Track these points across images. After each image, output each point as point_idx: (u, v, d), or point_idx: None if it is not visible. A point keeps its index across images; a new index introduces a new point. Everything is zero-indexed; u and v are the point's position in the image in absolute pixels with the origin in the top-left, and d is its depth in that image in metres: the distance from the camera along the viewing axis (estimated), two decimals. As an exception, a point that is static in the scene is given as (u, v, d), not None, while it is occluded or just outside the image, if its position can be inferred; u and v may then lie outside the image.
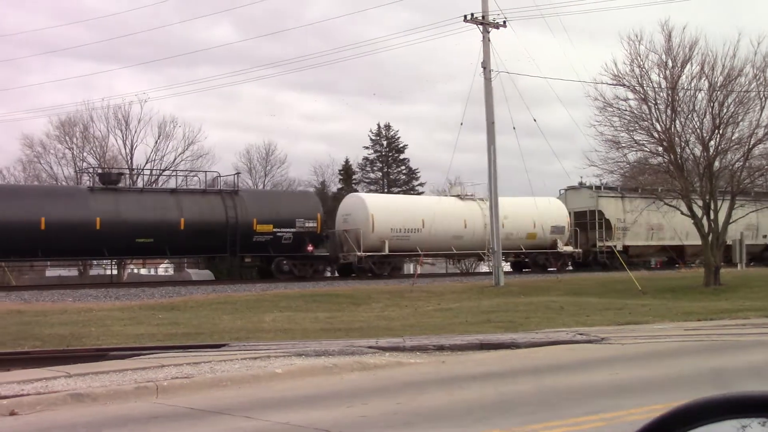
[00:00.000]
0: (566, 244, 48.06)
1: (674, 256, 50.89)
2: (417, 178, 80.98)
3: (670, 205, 34.46)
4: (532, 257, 47.87)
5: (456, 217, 44.50)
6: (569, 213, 49.13)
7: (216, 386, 11.71)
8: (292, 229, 40.30)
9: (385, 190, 76.78)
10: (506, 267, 47.79)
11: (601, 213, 49.00)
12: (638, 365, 13.16)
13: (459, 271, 52.93)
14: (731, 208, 33.53)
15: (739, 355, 14.12)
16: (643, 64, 32.57)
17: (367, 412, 9.73)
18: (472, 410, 9.68)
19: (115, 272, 50.48)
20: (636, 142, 33.54)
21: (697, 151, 33.22)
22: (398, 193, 72.19)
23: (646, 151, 34.05)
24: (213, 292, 31.83)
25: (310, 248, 40.36)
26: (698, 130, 32.69)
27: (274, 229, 39.72)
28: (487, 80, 36.88)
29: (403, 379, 12.43)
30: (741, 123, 32.84)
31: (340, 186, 76.26)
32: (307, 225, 40.75)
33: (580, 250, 48.71)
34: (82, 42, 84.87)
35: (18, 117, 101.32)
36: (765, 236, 53.94)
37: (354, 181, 79.73)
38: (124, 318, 21.92)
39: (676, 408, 1.99)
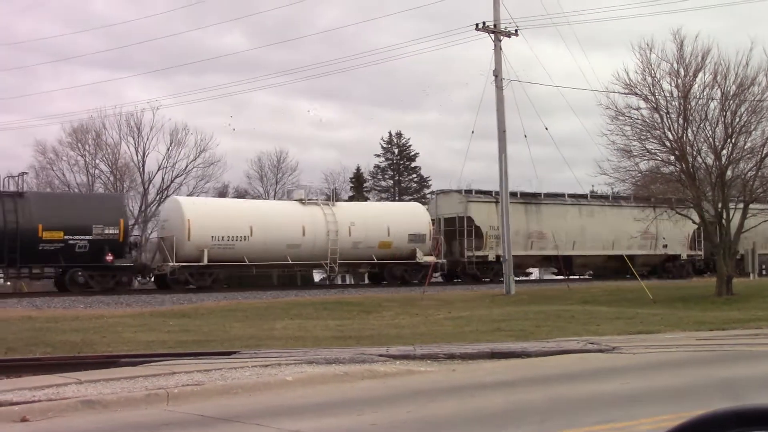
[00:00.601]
0: (429, 254, 43.30)
1: (561, 266, 47.06)
2: (428, 186, 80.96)
3: (681, 214, 34.34)
4: (387, 269, 43.30)
5: (293, 223, 40.24)
6: (438, 219, 45.62)
7: (227, 393, 11.72)
8: (88, 237, 36.25)
9: (396, 198, 76.84)
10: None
11: (470, 219, 45.07)
12: (649, 375, 13.12)
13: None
14: (743, 218, 33.40)
15: (751, 366, 14.06)
16: (655, 73, 32.53)
17: (377, 420, 9.72)
18: (482, 419, 9.67)
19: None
20: (648, 151, 33.46)
21: (710, 160, 33.11)
22: (410, 201, 72.22)
23: (658, 160, 33.95)
24: (224, 300, 31.91)
25: (110, 258, 36.52)
26: (710, 139, 32.59)
27: (66, 237, 35.61)
28: (499, 89, 36.91)
29: (413, 387, 12.41)
30: (753, 132, 32.70)
31: (351, 194, 76.34)
32: (106, 232, 36.75)
33: (444, 261, 44.31)
34: (93, 50, 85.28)
35: (30, 124, 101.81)
36: None
37: (365, 189, 79.89)
38: (135, 325, 21.97)
39: (686, 422, 1.99)
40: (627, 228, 46.98)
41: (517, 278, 42.38)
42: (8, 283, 43.61)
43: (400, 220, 43.67)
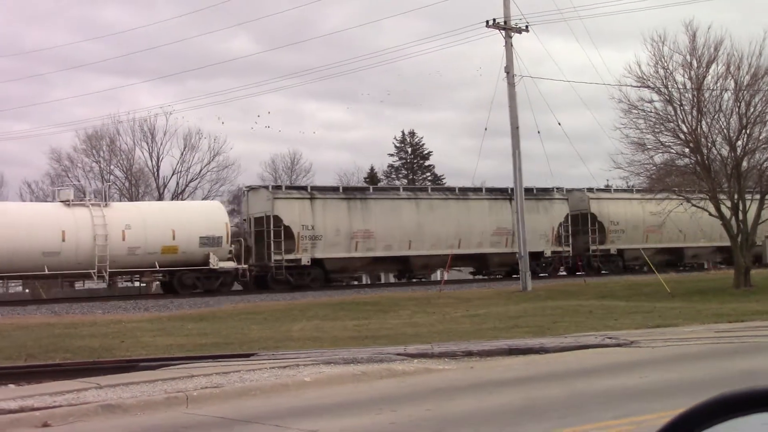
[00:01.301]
0: (228, 259, 38.77)
1: (401, 269, 44.55)
2: (442, 185, 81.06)
3: (698, 206, 34.20)
4: (177, 277, 37.92)
5: (51, 228, 34.96)
6: (249, 219, 41.64)
7: (245, 395, 11.76)
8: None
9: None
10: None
11: (278, 219, 39.98)
12: (668, 368, 13.08)
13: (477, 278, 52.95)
14: (761, 208, 33.22)
15: (770, 357, 14.01)
16: (668, 65, 32.43)
17: (396, 419, 9.74)
18: (501, 415, 9.67)
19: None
20: (662, 144, 33.36)
21: (725, 152, 32.98)
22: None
23: (673, 152, 33.85)
24: (241, 302, 31.99)
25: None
26: (725, 131, 32.46)
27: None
28: (511, 85, 36.85)
29: (431, 385, 12.42)
30: (768, 122, 32.60)
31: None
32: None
33: (245, 266, 39.63)
34: (103, 57, 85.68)
35: (43, 132, 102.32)
36: None
37: (380, 189, 79.83)
38: (153, 329, 22.05)
39: (700, 403, 1.99)
40: (478, 224, 44.31)
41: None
42: (26, 291, 43.83)
43: (191, 221, 38.44)
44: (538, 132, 38.62)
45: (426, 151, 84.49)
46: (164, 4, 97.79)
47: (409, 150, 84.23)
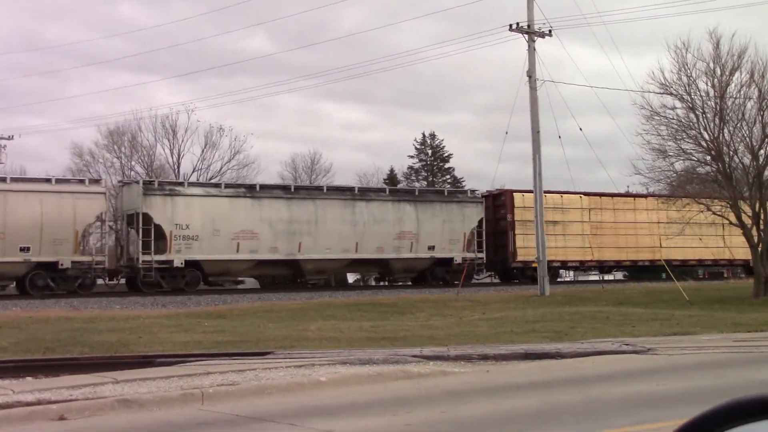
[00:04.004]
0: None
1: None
2: (462, 187, 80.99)
3: (717, 214, 34.01)
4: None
5: None
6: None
7: (261, 393, 11.79)
8: None
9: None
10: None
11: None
12: (685, 376, 13.02)
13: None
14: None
15: (788, 367, 13.91)
16: (691, 73, 32.28)
17: (411, 420, 9.73)
18: (515, 420, 9.65)
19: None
20: (683, 151, 33.21)
21: (747, 160, 32.78)
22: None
23: (694, 160, 33.69)
24: (258, 301, 32.08)
25: None
26: (747, 139, 32.28)
27: None
28: (533, 89, 36.77)
29: (447, 387, 12.41)
30: (792, 131, 32.38)
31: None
32: None
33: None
34: (121, 54, 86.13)
35: (63, 127, 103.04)
36: None
37: (399, 191, 79.88)
38: (170, 325, 22.13)
39: (714, 407, 1.98)
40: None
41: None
42: None
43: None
44: (559, 137, 38.50)
45: (446, 154, 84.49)
46: (181, 2, 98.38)
47: (429, 152, 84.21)
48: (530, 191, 51.68)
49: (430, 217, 43.08)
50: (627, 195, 49.92)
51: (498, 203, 46.98)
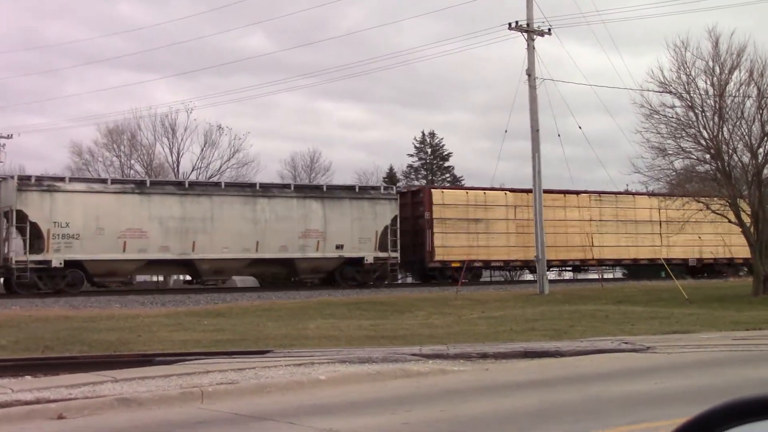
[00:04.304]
0: None
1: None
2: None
3: (717, 213, 34.03)
4: None
5: None
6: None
7: (260, 392, 11.79)
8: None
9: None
10: None
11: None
12: (684, 375, 13.03)
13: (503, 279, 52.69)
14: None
15: (787, 366, 13.91)
16: (690, 71, 32.29)
17: (410, 419, 9.74)
18: (515, 418, 9.65)
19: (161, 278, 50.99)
20: (683, 150, 33.21)
21: (746, 159, 32.78)
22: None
23: (693, 158, 33.69)
24: (258, 299, 32.09)
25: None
26: (747, 137, 32.28)
27: None
28: (532, 88, 36.78)
29: (446, 386, 12.41)
30: (791, 130, 32.38)
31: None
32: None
33: None
34: (119, 53, 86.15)
35: (62, 126, 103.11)
36: None
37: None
38: (170, 324, 22.13)
39: (715, 407, 1.99)
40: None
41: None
42: None
43: None
44: (558, 136, 38.54)
45: (446, 153, 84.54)
46: (180, 1, 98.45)
47: (429, 151, 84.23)
48: (451, 187, 51.25)
49: (338, 214, 41.11)
50: (556, 191, 48.01)
51: (417, 200, 45.07)
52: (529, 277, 49.81)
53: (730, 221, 33.63)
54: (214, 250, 38.59)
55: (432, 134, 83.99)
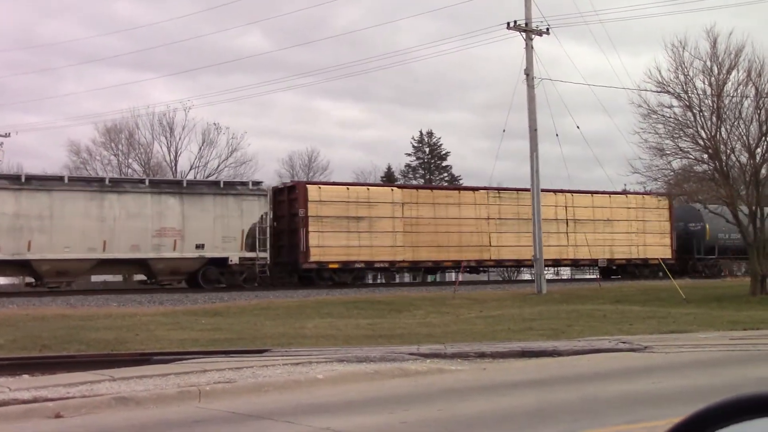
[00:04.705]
0: None
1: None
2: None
3: (715, 213, 34.06)
4: None
5: None
6: None
7: (258, 391, 11.78)
8: None
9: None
10: None
11: None
12: (681, 374, 13.03)
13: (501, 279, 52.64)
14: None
15: (785, 365, 13.92)
16: (688, 71, 32.31)
17: (407, 418, 9.74)
18: (512, 418, 9.65)
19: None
20: (680, 150, 33.25)
21: (744, 159, 32.83)
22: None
23: (691, 158, 33.73)
24: (255, 299, 32.07)
25: None
26: (744, 137, 32.32)
27: None
28: (530, 87, 36.79)
29: (443, 385, 12.41)
30: (789, 130, 32.40)
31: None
32: None
33: None
34: (116, 52, 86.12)
35: (59, 125, 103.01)
36: None
37: (396, 188, 79.91)
38: (167, 323, 22.13)
39: (712, 405, 1.99)
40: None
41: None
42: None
43: None
44: (557, 135, 38.52)
45: (444, 152, 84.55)
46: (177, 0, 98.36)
47: (427, 150, 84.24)
48: (330, 183, 47.52)
49: (199, 211, 38.08)
50: (450, 188, 46.48)
51: (293, 197, 42.11)
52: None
53: (727, 221, 33.67)
54: (55, 250, 35.38)
55: (430, 134, 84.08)
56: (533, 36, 36.98)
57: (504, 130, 40.55)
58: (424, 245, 43.66)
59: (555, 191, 47.99)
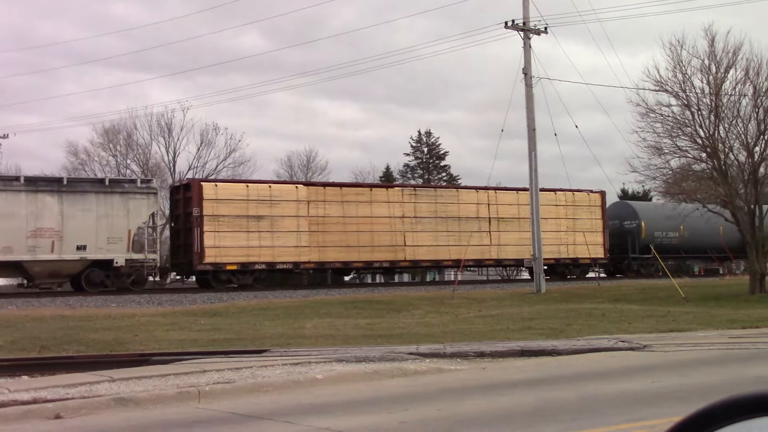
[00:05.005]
0: None
1: None
2: (459, 183, 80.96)
3: (714, 212, 34.07)
4: None
5: None
6: None
7: (257, 391, 11.79)
8: None
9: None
10: None
11: None
12: (681, 373, 13.03)
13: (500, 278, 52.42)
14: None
15: (784, 364, 13.93)
16: (686, 70, 32.33)
17: (407, 418, 9.74)
18: (512, 417, 9.65)
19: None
20: (679, 149, 33.25)
21: (742, 157, 32.82)
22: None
23: (689, 157, 33.73)
24: (254, 299, 32.07)
25: None
26: (743, 136, 32.32)
27: None
28: (528, 87, 36.80)
29: (443, 385, 12.41)
30: (788, 128, 32.41)
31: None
32: None
33: None
34: (113, 52, 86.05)
35: (57, 126, 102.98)
36: None
37: (395, 188, 79.90)
38: (166, 324, 22.13)
39: (710, 405, 1.99)
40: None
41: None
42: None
43: None
44: (555, 134, 38.50)
45: (442, 151, 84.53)
46: (174, 0, 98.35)
47: (425, 150, 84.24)
48: (228, 180, 46.20)
49: (80, 211, 35.87)
50: (362, 185, 44.57)
51: (188, 195, 39.88)
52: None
53: (726, 219, 33.69)
54: None
55: (428, 133, 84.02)
56: (531, 35, 36.99)
57: (502, 130, 40.55)
58: (331, 245, 41.75)
59: (476, 188, 46.32)
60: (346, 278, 50.45)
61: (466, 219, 45.02)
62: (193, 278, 42.04)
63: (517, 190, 46.71)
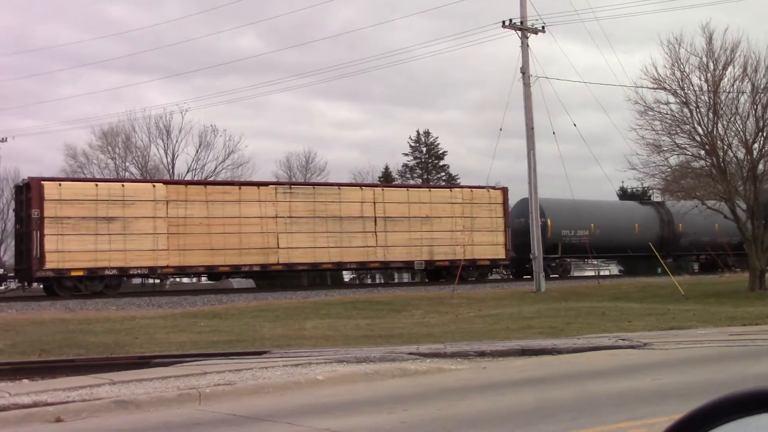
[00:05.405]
0: None
1: None
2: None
3: (713, 209, 34.07)
4: None
5: None
6: None
7: (258, 393, 11.79)
8: None
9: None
10: None
11: None
12: (681, 371, 13.03)
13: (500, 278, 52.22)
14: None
15: (784, 361, 13.93)
16: (684, 68, 32.33)
17: (407, 418, 9.74)
18: (512, 416, 9.65)
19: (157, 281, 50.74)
20: (677, 146, 33.25)
21: (741, 155, 32.83)
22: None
23: (688, 154, 33.72)
24: (254, 300, 32.07)
25: None
26: (741, 133, 32.33)
27: None
28: (526, 86, 36.79)
29: (443, 385, 12.41)
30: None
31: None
32: None
33: None
34: (111, 55, 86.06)
35: (55, 129, 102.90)
36: None
37: (394, 188, 79.86)
38: (166, 326, 22.13)
39: (709, 402, 1.99)
40: None
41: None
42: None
43: None
44: (553, 133, 38.48)
45: (441, 151, 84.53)
46: (170, 2, 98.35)
47: (424, 149, 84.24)
48: (73, 180, 42.69)
49: None
50: (229, 183, 42.32)
51: (30, 196, 36.58)
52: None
53: (725, 216, 33.69)
54: None
55: (427, 133, 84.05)
56: (529, 34, 36.99)
57: (501, 129, 40.51)
58: (194, 248, 38.93)
59: (361, 185, 44.47)
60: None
61: (349, 218, 42.29)
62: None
63: (408, 187, 45.07)
